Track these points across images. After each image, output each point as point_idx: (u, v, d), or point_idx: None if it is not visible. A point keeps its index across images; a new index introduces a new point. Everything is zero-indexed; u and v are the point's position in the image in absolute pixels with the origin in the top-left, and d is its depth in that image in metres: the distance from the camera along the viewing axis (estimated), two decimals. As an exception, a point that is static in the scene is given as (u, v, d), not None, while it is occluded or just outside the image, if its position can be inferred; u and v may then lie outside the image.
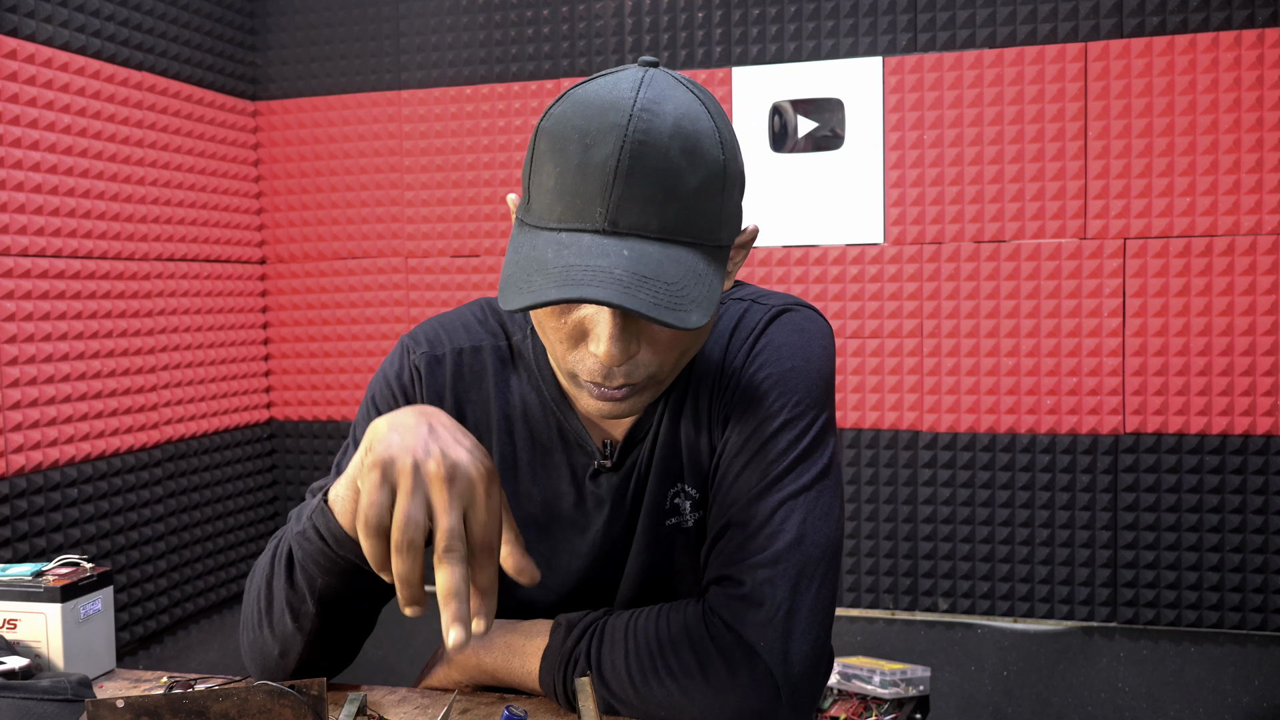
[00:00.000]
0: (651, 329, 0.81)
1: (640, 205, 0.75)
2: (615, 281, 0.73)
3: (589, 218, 0.76)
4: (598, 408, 0.85)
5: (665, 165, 0.76)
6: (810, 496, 0.88)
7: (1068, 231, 2.17)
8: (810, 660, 0.84)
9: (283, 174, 2.65)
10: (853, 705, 1.87)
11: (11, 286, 1.91)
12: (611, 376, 0.82)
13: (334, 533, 0.84)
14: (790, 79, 2.30)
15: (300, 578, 0.87)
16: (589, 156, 0.76)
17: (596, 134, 0.76)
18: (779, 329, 0.94)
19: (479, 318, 1.01)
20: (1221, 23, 2.07)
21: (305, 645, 0.90)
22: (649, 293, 0.74)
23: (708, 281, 0.77)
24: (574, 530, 0.97)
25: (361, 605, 0.91)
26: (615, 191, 0.75)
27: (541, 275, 0.75)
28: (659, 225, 0.76)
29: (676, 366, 0.86)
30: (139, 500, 2.22)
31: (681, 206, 0.77)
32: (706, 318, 0.75)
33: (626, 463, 0.96)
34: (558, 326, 0.82)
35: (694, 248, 0.78)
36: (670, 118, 0.77)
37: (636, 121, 0.76)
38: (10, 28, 1.91)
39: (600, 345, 0.79)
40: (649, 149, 0.75)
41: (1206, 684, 2.15)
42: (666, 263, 0.76)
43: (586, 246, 0.75)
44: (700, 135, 0.78)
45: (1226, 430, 2.11)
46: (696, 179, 0.77)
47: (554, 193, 0.77)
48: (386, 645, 2.53)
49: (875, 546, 2.31)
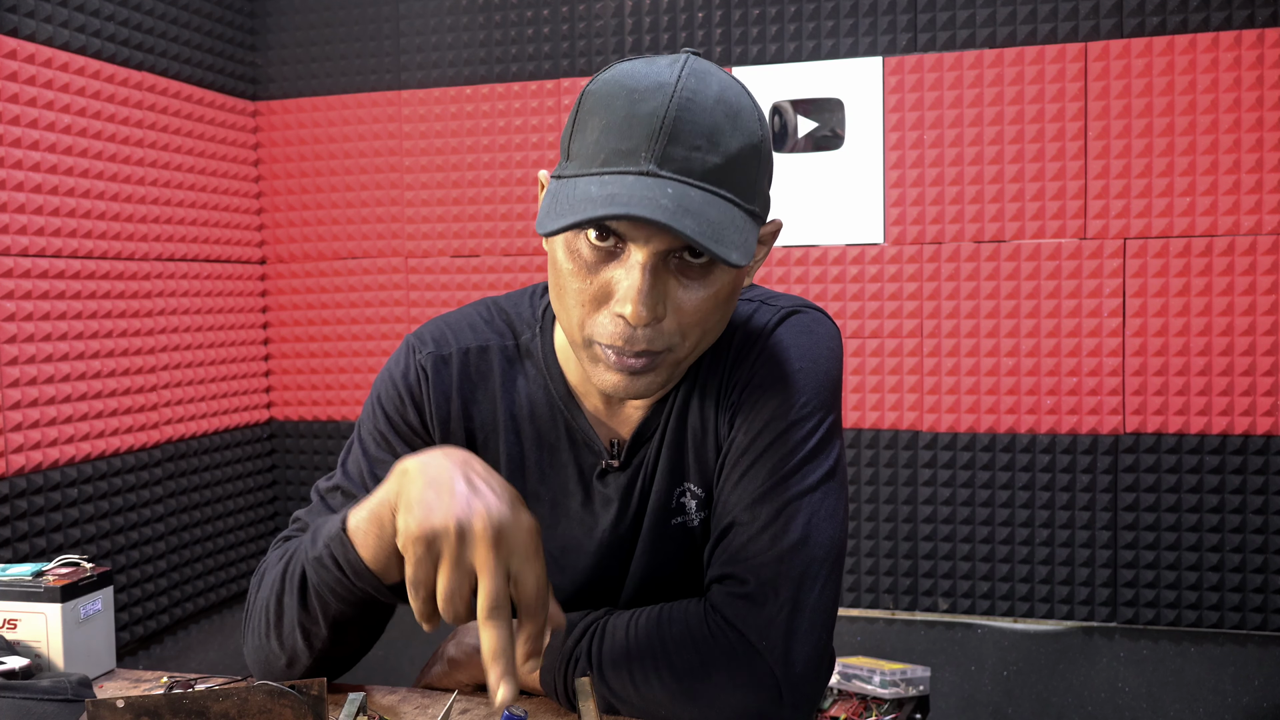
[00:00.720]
0: (678, 294, 0.82)
1: (685, 152, 0.77)
2: (661, 208, 0.75)
3: (634, 161, 0.78)
4: (614, 381, 0.84)
5: (710, 123, 0.78)
6: (816, 497, 0.88)
7: (1068, 231, 2.17)
8: (812, 661, 0.84)
9: (283, 174, 2.65)
10: (853, 705, 1.87)
11: (11, 286, 1.91)
12: (634, 340, 0.81)
13: (353, 565, 0.81)
14: (790, 79, 2.30)
15: (314, 602, 0.85)
16: (636, 109, 0.78)
17: (645, 91, 0.78)
18: (787, 330, 0.94)
19: (485, 317, 1.00)
20: (1221, 23, 2.07)
21: (314, 659, 0.89)
22: (694, 222, 0.75)
23: (745, 233, 0.79)
24: (581, 529, 0.97)
25: (374, 624, 0.91)
26: (661, 139, 0.77)
27: (586, 202, 0.76)
28: (702, 174, 0.78)
29: (695, 346, 0.86)
30: (139, 500, 2.22)
31: (723, 162, 0.79)
32: (746, 260, 0.77)
33: (634, 462, 0.95)
34: (582, 288, 0.82)
35: (732, 203, 0.79)
36: (715, 87, 0.80)
37: (684, 83, 0.79)
38: (10, 28, 1.91)
39: (628, 304, 0.79)
40: (695, 106, 0.78)
41: (1206, 684, 2.15)
42: (708, 206, 0.77)
43: (631, 183, 0.77)
44: (743, 108, 0.81)
45: (1226, 430, 2.11)
46: (738, 143, 0.80)
47: (598, 142, 0.79)
48: (386, 645, 2.52)
49: (875, 546, 2.31)
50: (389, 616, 0.93)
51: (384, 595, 0.83)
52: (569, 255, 0.82)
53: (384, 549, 0.79)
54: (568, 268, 0.82)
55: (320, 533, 0.85)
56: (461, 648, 0.97)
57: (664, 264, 0.80)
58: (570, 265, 0.82)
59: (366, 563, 0.80)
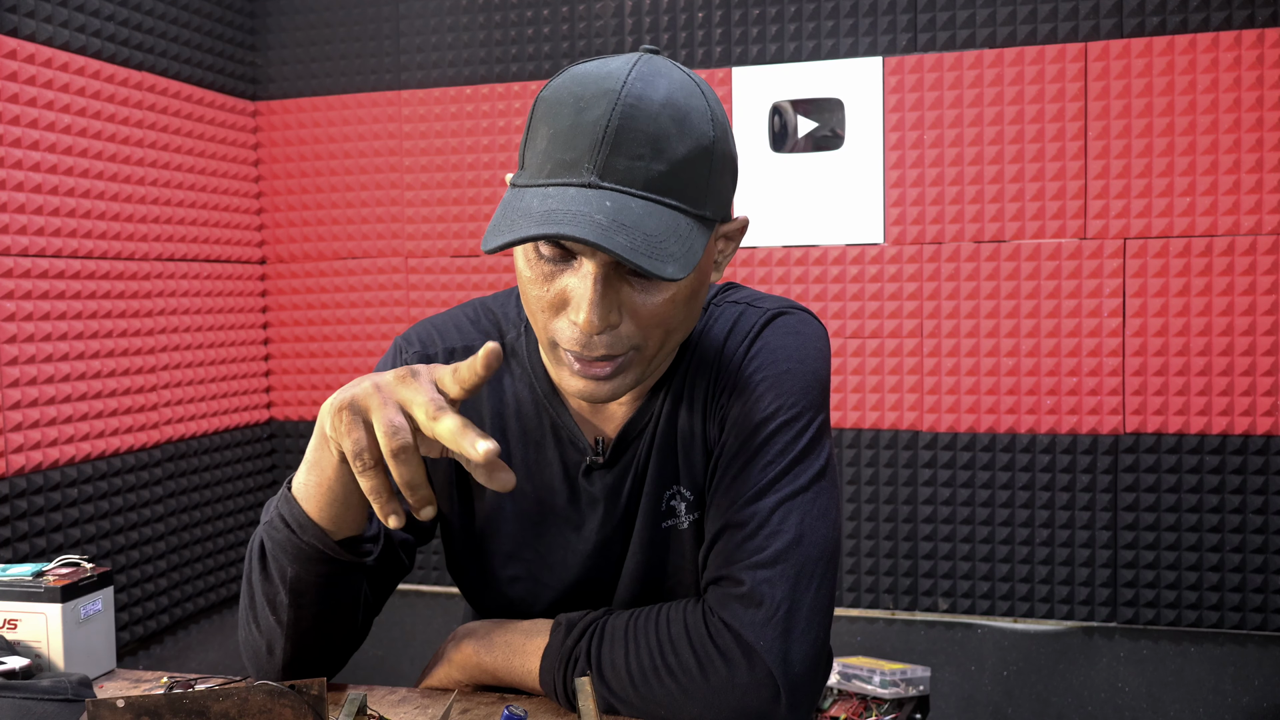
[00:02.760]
0: (633, 299, 0.82)
1: (627, 163, 0.78)
2: (595, 224, 0.75)
3: (576, 172, 0.78)
4: (580, 387, 0.85)
5: (654, 129, 0.78)
6: (808, 497, 0.89)
7: (1068, 231, 2.17)
8: (810, 660, 0.84)
9: (283, 174, 2.65)
10: (853, 705, 1.87)
11: (11, 286, 1.91)
12: (592, 346, 0.82)
13: (298, 518, 0.85)
14: (790, 79, 2.30)
15: (273, 568, 0.88)
16: (581, 118, 0.78)
17: (590, 99, 0.78)
18: (774, 332, 0.95)
19: (471, 318, 1.02)
20: (1221, 23, 2.07)
21: (286, 639, 0.89)
22: (627, 238, 0.75)
23: (689, 242, 0.79)
24: (568, 527, 0.97)
25: (334, 596, 0.90)
26: (604, 149, 0.77)
27: (524, 219, 0.77)
28: (644, 183, 0.78)
29: (663, 347, 0.86)
30: (139, 500, 2.22)
31: (668, 170, 0.79)
32: (684, 273, 0.77)
33: (620, 461, 0.96)
34: (540, 295, 0.83)
35: (677, 211, 0.79)
36: (663, 90, 0.80)
37: (629, 88, 0.78)
38: (10, 28, 1.92)
39: (580, 312, 0.80)
40: (639, 113, 0.78)
41: (1206, 684, 2.15)
42: (648, 217, 0.77)
43: (571, 196, 0.77)
44: (691, 110, 0.80)
45: (1226, 430, 2.11)
46: (685, 148, 0.79)
47: (545, 152, 0.80)
48: (386, 645, 2.53)
49: (875, 546, 2.31)
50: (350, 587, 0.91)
51: (331, 549, 0.86)
52: (527, 264, 0.84)
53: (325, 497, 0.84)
54: (527, 275, 0.84)
55: (273, 501, 0.90)
56: (461, 648, 0.97)
57: (615, 272, 0.81)
58: (529, 273, 0.84)
59: (310, 515, 0.85)
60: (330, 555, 0.86)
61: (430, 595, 2.56)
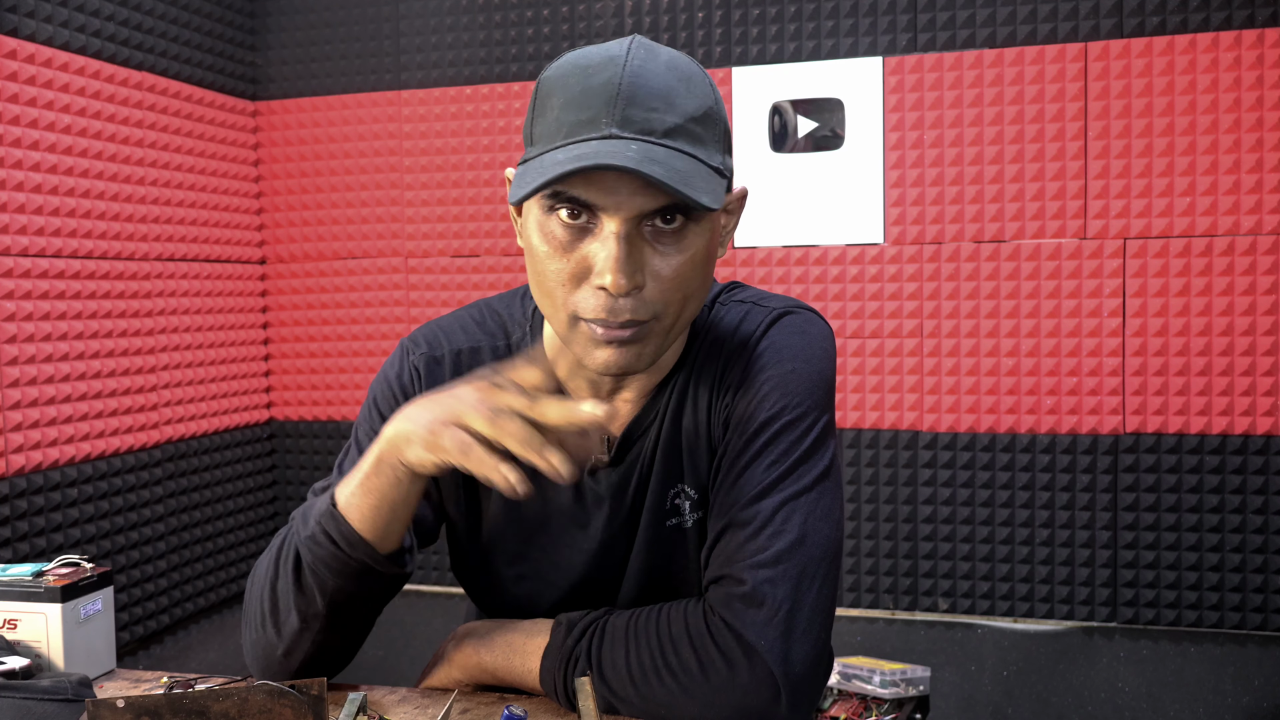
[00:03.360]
0: (655, 262, 0.83)
1: (643, 114, 0.80)
2: (627, 159, 0.77)
3: (596, 127, 0.80)
4: (604, 357, 0.85)
5: (664, 85, 0.81)
6: (811, 497, 0.89)
7: (1068, 231, 2.17)
8: (811, 660, 0.84)
9: (283, 174, 2.65)
10: (853, 705, 1.87)
11: (11, 286, 1.91)
12: (616, 311, 0.82)
13: (346, 536, 0.85)
14: (790, 79, 2.30)
15: (310, 580, 0.87)
16: (591, 81, 0.81)
17: (597, 66, 0.81)
18: (780, 331, 0.95)
19: (477, 319, 1.02)
20: (1221, 23, 2.07)
21: (312, 644, 0.90)
22: (661, 170, 0.77)
23: (713, 183, 0.81)
24: (574, 526, 0.97)
25: (370, 604, 0.91)
26: (619, 104, 0.80)
27: (553, 166, 0.78)
28: (663, 131, 0.80)
29: (680, 314, 0.86)
30: (139, 500, 2.22)
31: (682, 122, 0.81)
32: (718, 204, 0.79)
33: (626, 460, 0.96)
34: (560, 268, 0.83)
35: (695, 159, 0.81)
36: (664, 56, 0.84)
37: (633, 54, 0.82)
38: (10, 28, 1.91)
39: (606, 275, 0.81)
40: (647, 71, 0.81)
41: (1206, 684, 2.15)
42: (672, 158, 0.79)
43: (595, 145, 0.79)
44: (693, 74, 0.84)
45: (1226, 430, 2.11)
46: (692, 104, 0.82)
47: (558, 119, 0.81)
48: (386, 645, 2.53)
49: (875, 546, 2.31)
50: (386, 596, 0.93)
51: (380, 564, 0.86)
52: (544, 238, 0.84)
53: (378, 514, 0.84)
54: (544, 250, 0.84)
55: (310, 513, 0.89)
56: (461, 648, 0.97)
57: (638, 232, 0.82)
58: (546, 247, 0.83)
59: (360, 532, 0.85)
60: (378, 570, 0.87)
61: (430, 595, 2.56)
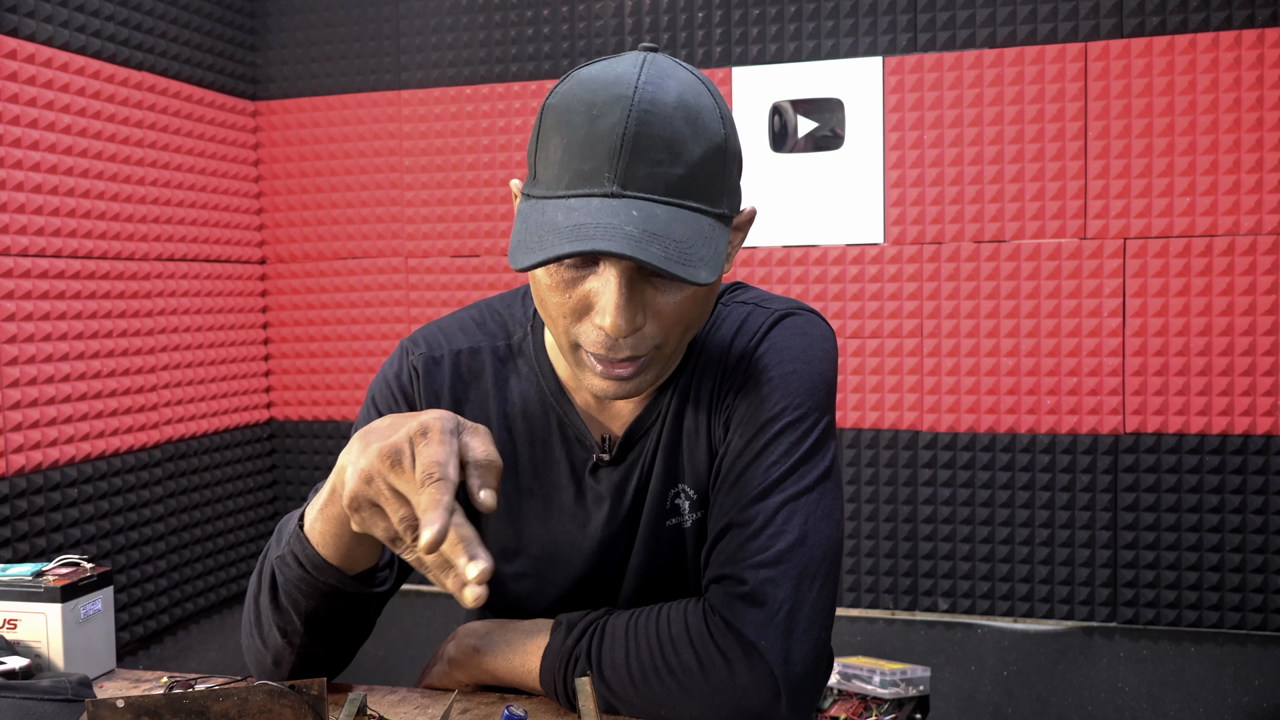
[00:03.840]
0: (656, 300, 0.82)
1: (647, 169, 0.78)
2: (626, 236, 0.75)
3: (597, 182, 0.78)
4: (603, 387, 0.85)
5: (670, 133, 0.78)
6: (812, 498, 0.89)
7: (1068, 231, 2.17)
8: (811, 660, 0.84)
9: (283, 174, 2.65)
10: (853, 705, 1.87)
11: (11, 286, 1.91)
12: (617, 349, 0.83)
13: (312, 560, 0.85)
14: (790, 79, 2.30)
15: (285, 601, 0.87)
16: (596, 126, 0.78)
17: (603, 105, 0.78)
18: (781, 333, 0.95)
19: (477, 320, 1.02)
20: (1221, 23, 2.06)
21: (297, 657, 0.90)
22: (660, 248, 0.76)
23: (714, 244, 0.80)
24: (575, 525, 0.98)
25: (350, 622, 0.91)
26: (623, 157, 0.77)
27: (553, 235, 0.77)
28: (665, 189, 0.78)
29: (681, 342, 0.87)
30: (139, 500, 2.22)
31: (686, 172, 0.79)
32: (714, 276, 0.77)
33: (627, 459, 0.96)
34: (561, 302, 0.83)
35: (699, 212, 0.80)
36: (674, 92, 0.80)
37: (641, 93, 0.78)
38: (10, 28, 1.91)
39: (606, 317, 0.80)
40: (654, 117, 0.78)
41: (1206, 684, 2.15)
42: (674, 223, 0.78)
43: (596, 208, 0.77)
44: (702, 109, 0.81)
45: (1226, 430, 2.11)
46: (699, 149, 0.80)
47: (561, 163, 0.79)
48: (386, 645, 2.53)
49: (875, 546, 2.31)
50: (370, 609, 0.93)
51: (349, 585, 0.86)
52: (546, 272, 0.83)
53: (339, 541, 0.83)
54: (547, 283, 0.83)
55: (284, 532, 0.89)
56: (461, 648, 0.97)
57: (638, 274, 0.81)
58: (549, 280, 0.83)
59: (325, 557, 0.84)
60: (347, 591, 0.86)
61: (430, 595, 2.56)
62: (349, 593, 0.86)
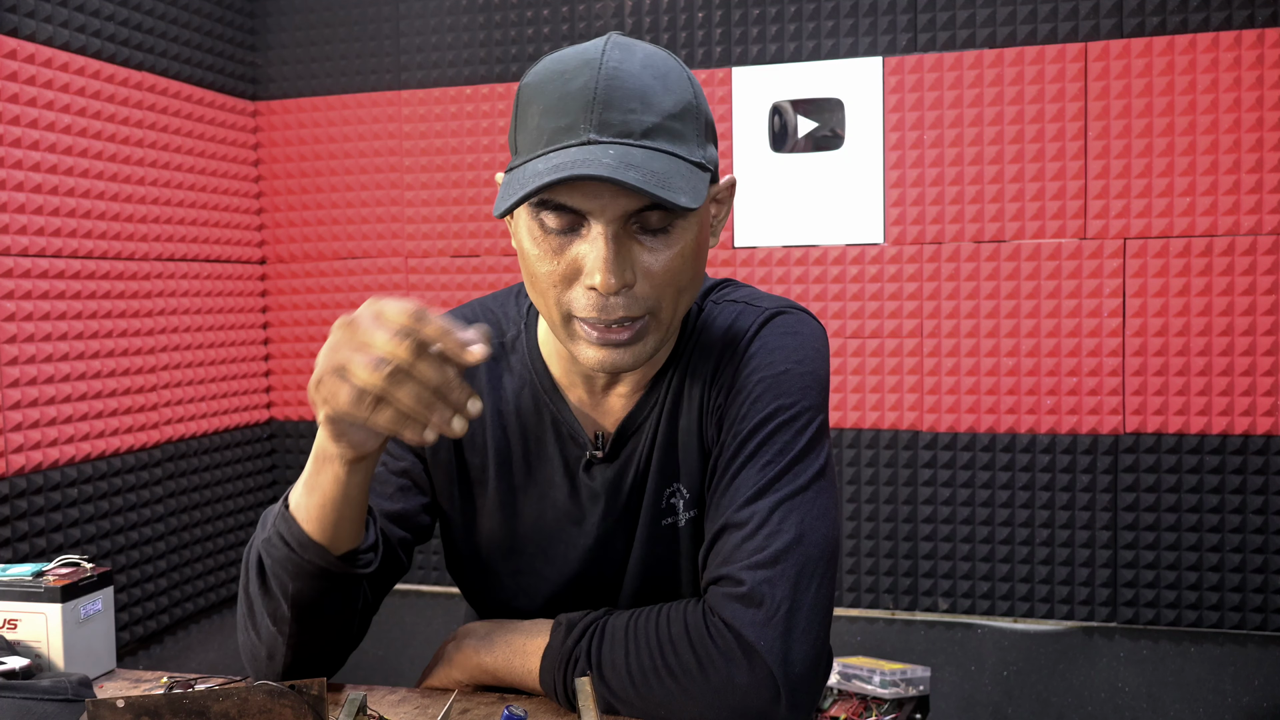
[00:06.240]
0: (644, 258, 0.83)
1: (621, 117, 0.80)
2: (604, 165, 0.77)
3: (574, 134, 0.80)
4: (600, 357, 0.86)
5: (640, 86, 0.81)
6: (808, 497, 0.89)
7: (1068, 231, 2.17)
8: (810, 660, 0.84)
9: (283, 174, 2.65)
10: (853, 705, 1.87)
11: (11, 286, 1.91)
12: (609, 310, 0.83)
13: (297, 537, 0.85)
14: (790, 79, 2.30)
15: (273, 584, 0.87)
16: (568, 87, 0.81)
17: (574, 70, 0.82)
18: (772, 332, 0.95)
19: (469, 318, 1.03)
20: (1221, 23, 2.06)
21: (288, 648, 0.90)
22: (637, 175, 0.77)
23: (693, 180, 0.81)
24: (569, 522, 0.98)
25: (336, 607, 0.90)
26: (596, 109, 0.80)
27: (533, 177, 0.79)
28: (641, 133, 0.80)
29: (675, 307, 0.87)
30: (139, 500, 2.22)
31: (660, 122, 0.81)
32: (697, 202, 0.79)
33: (620, 456, 0.96)
34: (551, 270, 0.84)
35: (675, 156, 0.81)
36: (640, 54, 0.84)
37: (609, 55, 0.82)
38: (10, 28, 1.91)
39: (596, 275, 0.81)
40: (623, 73, 0.81)
41: (1206, 684, 2.15)
42: (650, 160, 0.80)
43: (573, 153, 0.79)
44: (670, 70, 0.84)
45: (1226, 430, 2.11)
46: (670, 101, 0.82)
47: (538, 127, 0.82)
48: (386, 645, 2.53)
49: (875, 546, 2.31)
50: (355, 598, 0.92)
51: (334, 565, 0.86)
52: (534, 242, 0.84)
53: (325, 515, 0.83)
54: (534, 253, 0.85)
55: (269, 516, 0.89)
56: (461, 648, 0.97)
57: (625, 231, 0.83)
58: (536, 250, 0.84)
59: (309, 534, 0.84)
60: (332, 570, 0.86)
61: (430, 595, 2.56)
62: (334, 573, 0.86)
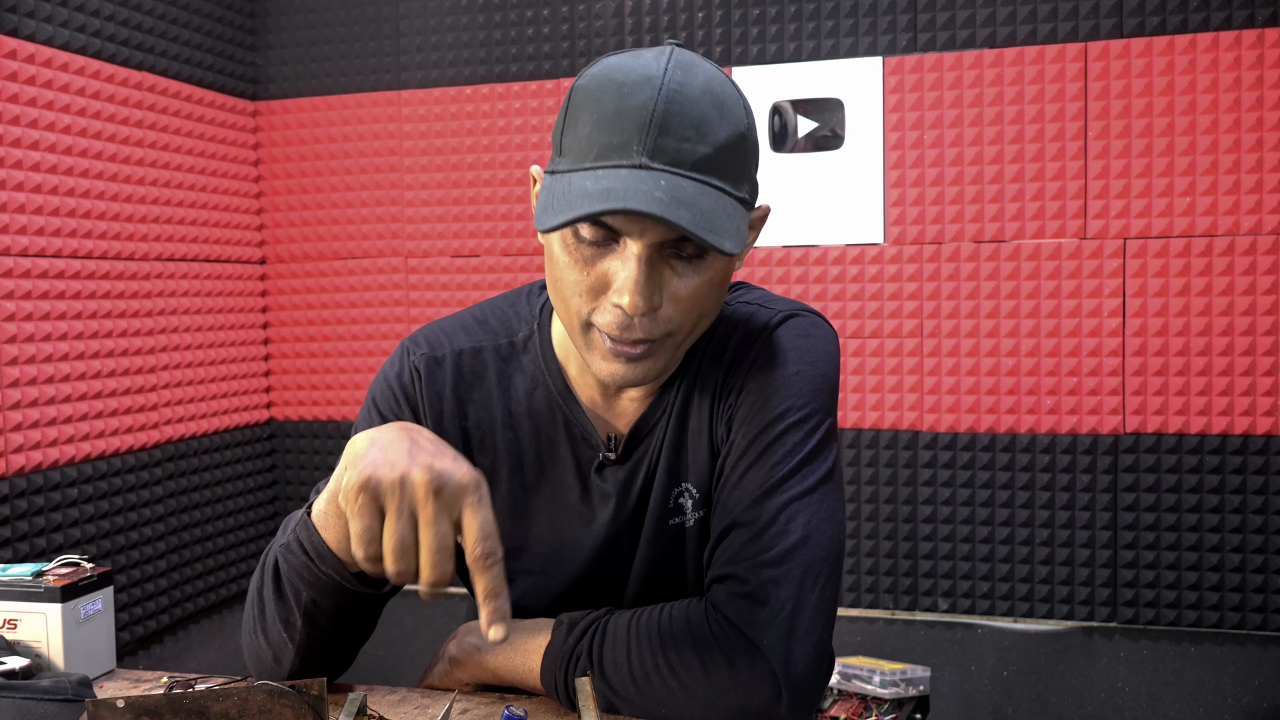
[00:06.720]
0: (674, 283, 0.83)
1: (675, 144, 0.79)
2: (656, 201, 0.76)
3: (626, 155, 0.79)
4: (611, 369, 0.86)
5: (698, 114, 0.80)
6: (815, 498, 0.89)
7: (1068, 231, 2.17)
8: (813, 660, 0.84)
9: (283, 174, 2.65)
10: (853, 705, 1.87)
11: (11, 286, 1.91)
12: (631, 329, 0.83)
13: (317, 548, 0.83)
14: (790, 79, 2.30)
15: (288, 591, 0.87)
16: (626, 102, 0.80)
17: (633, 85, 0.80)
18: (785, 333, 0.95)
19: (479, 318, 1.02)
20: (1221, 23, 2.07)
21: (297, 655, 0.89)
22: (688, 214, 0.77)
23: (737, 220, 0.81)
24: (580, 523, 0.98)
25: (348, 620, 0.90)
26: (652, 132, 0.79)
27: (582, 198, 0.78)
28: (692, 165, 0.80)
29: (693, 331, 0.87)
30: (139, 500, 2.22)
31: (713, 153, 0.81)
32: (738, 248, 0.79)
33: (632, 458, 0.96)
34: (579, 280, 0.84)
35: (723, 192, 0.81)
36: (701, 78, 0.82)
37: (670, 75, 0.80)
38: (10, 28, 1.91)
39: (625, 295, 0.81)
40: (683, 98, 0.80)
41: (1206, 684, 2.15)
42: (700, 196, 0.79)
43: (624, 176, 0.78)
44: (728, 97, 0.83)
45: (1226, 430, 2.11)
46: (725, 132, 0.81)
47: (589, 137, 0.81)
48: (386, 645, 2.53)
49: (875, 546, 2.31)
50: (369, 613, 0.92)
51: (349, 582, 0.84)
52: (565, 249, 0.84)
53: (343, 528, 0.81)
54: (564, 260, 0.84)
55: (290, 521, 0.88)
56: (463, 647, 0.97)
57: (659, 254, 0.82)
58: (567, 258, 0.84)
59: (330, 546, 0.83)
60: (346, 588, 0.85)
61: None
62: (347, 589, 0.86)
